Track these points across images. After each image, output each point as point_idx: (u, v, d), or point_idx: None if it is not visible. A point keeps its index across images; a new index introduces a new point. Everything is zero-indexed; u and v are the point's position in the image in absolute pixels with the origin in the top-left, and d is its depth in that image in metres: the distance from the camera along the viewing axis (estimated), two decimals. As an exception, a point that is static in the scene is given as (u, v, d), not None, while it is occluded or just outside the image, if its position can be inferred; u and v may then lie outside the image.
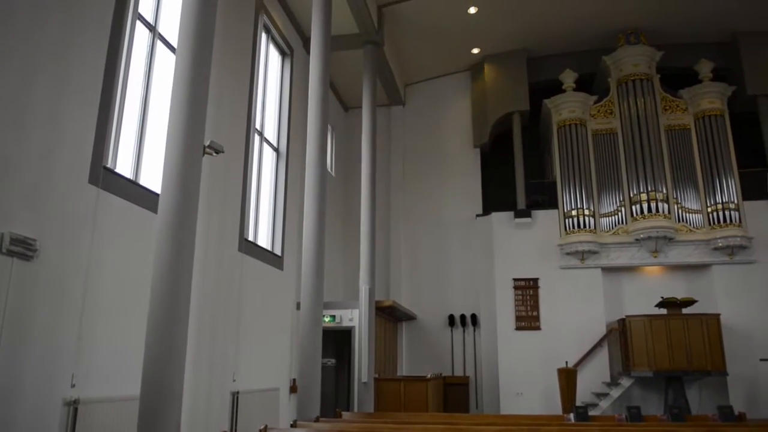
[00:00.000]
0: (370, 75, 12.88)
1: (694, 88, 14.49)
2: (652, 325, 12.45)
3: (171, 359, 4.92)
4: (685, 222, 13.86)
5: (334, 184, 15.36)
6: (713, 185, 13.86)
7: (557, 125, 14.81)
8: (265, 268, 10.37)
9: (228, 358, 8.76)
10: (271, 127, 11.67)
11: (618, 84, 14.84)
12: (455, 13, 14.09)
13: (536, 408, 13.09)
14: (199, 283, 7.88)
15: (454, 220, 15.79)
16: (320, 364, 8.49)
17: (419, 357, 15.08)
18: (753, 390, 12.77)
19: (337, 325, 12.23)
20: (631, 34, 14.84)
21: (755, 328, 13.05)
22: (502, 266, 14.50)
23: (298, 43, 12.89)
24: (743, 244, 13.45)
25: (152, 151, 7.32)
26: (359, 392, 11.27)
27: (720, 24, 14.84)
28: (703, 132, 14.27)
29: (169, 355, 4.91)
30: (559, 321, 13.91)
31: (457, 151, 16.31)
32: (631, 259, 14.00)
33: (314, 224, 8.70)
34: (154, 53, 7.61)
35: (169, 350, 4.92)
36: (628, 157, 14.26)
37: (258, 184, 10.69)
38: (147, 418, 4.78)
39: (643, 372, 12.36)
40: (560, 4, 14.05)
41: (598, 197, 14.30)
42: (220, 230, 8.74)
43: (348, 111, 16.90)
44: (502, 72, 15.89)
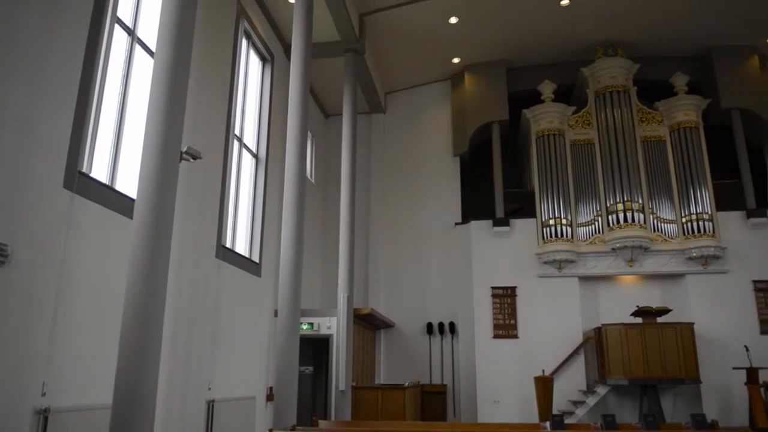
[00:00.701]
0: (350, 82, 12.91)
1: (670, 101, 14.74)
2: (628, 333, 12.59)
3: (144, 367, 4.84)
4: (660, 232, 14.06)
5: (314, 191, 15.33)
6: (688, 196, 14.09)
7: (536, 135, 14.96)
8: (243, 275, 10.29)
9: (203, 366, 8.67)
10: (250, 133, 11.61)
11: (596, 95, 15.05)
12: (436, 22, 14.19)
13: (513, 416, 13.15)
14: (175, 290, 7.80)
15: (434, 228, 15.83)
16: (297, 372, 8.43)
17: (397, 365, 15.06)
18: (726, 398, 12.96)
19: (315, 332, 12.16)
20: (608, 46, 15.07)
21: (728, 336, 13.25)
22: (481, 274, 14.57)
23: (279, 49, 12.87)
24: (717, 254, 13.68)
25: (129, 155, 7.24)
26: (336, 400, 11.21)
27: (695, 38, 15.14)
28: (678, 144, 14.51)
29: (142, 363, 4.84)
30: (536, 329, 14.00)
31: (436, 159, 16.38)
32: (608, 268, 14.16)
33: (292, 231, 8.65)
34: (132, 57, 7.54)
35: (142, 358, 4.85)
36: (605, 168, 14.44)
37: (236, 191, 10.63)
38: (119, 428, 4.70)
39: (619, 380, 12.47)
40: (540, 16, 14.21)
41: (576, 207, 14.46)
42: (197, 237, 8.66)
43: (328, 118, 16.89)
44: (482, 82, 16.01)
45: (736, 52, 15.22)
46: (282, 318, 8.31)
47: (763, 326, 13.45)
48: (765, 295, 13.68)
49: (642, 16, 14.28)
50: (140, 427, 4.76)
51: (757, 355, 12.41)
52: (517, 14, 14.12)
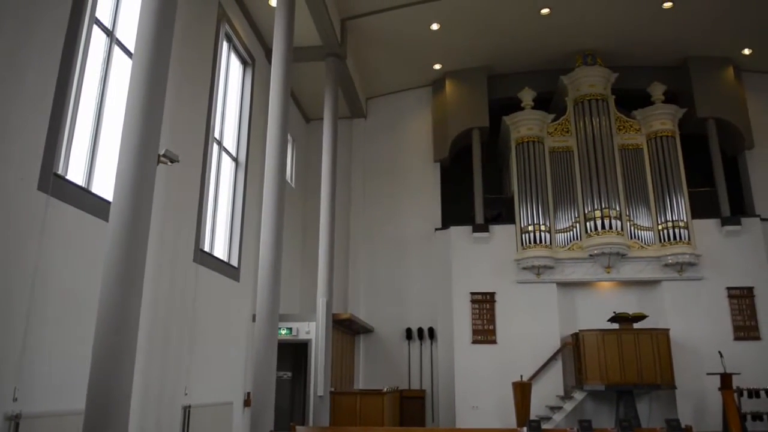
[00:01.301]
0: (332, 87, 12.92)
1: (647, 110, 14.96)
2: (605, 339, 12.72)
3: (118, 372, 4.78)
4: (637, 239, 14.24)
5: (294, 195, 15.28)
6: (664, 204, 14.29)
7: (515, 142, 15.08)
8: (221, 280, 10.21)
9: (180, 371, 8.57)
10: (230, 136, 11.55)
11: (575, 103, 15.22)
12: (418, 29, 14.26)
13: (491, 421, 13.19)
14: (152, 294, 7.71)
15: (414, 233, 15.86)
16: (275, 377, 8.38)
17: (376, 370, 15.04)
18: (700, 403, 13.14)
19: (293, 337, 12.10)
20: (588, 55, 15.25)
21: (702, 342, 13.45)
22: (460, 280, 14.62)
23: (260, 53, 12.83)
24: (692, 261, 13.88)
25: (106, 158, 7.15)
26: (315, 406, 11.16)
27: (672, 49, 15.39)
28: (655, 152, 14.72)
29: (116, 368, 4.78)
30: (514, 335, 14.08)
31: (417, 165, 16.43)
32: (585, 275, 14.30)
33: (272, 235, 8.62)
34: (110, 59, 7.46)
35: (116, 363, 4.78)
36: (583, 175, 14.59)
37: (216, 194, 10.55)
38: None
39: (596, 385, 12.59)
40: (520, 24, 14.35)
41: (554, 213, 14.58)
42: (175, 240, 8.58)
43: (309, 122, 16.86)
44: (463, 88, 16.11)
45: (712, 63, 15.50)
46: (260, 323, 8.26)
47: (737, 332, 13.68)
48: (738, 301, 13.92)
49: (621, 26, 14.49)
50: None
51: (730, 360, 12.61)
52: (498, 22, 14.24)
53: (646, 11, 13.88)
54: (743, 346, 13.49)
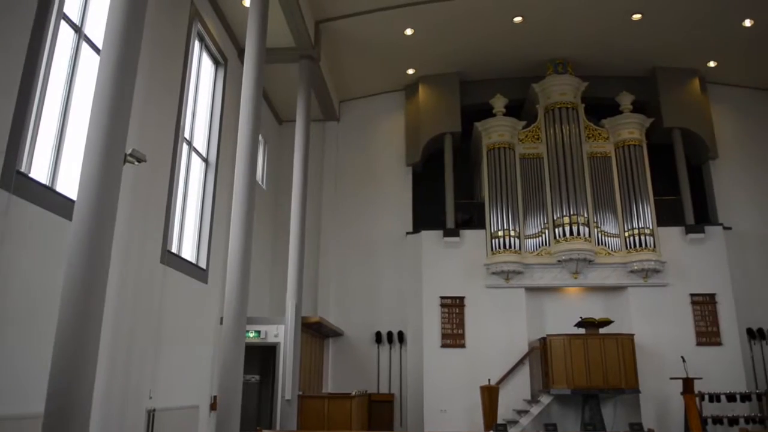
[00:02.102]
0: (304, 89, 12.88)
1: (616, 119, 15.22)
2: (571, 344, 12.89)
3: (80, 374, 4.69)
4: (604, 245, 14.47)
5: (265, 197, 15.17)
6: (630, 211, 14.55)
7: (487, 148, 15.21)
8: (189, 282, 10.09)
9: (144, 374, 8.43)
10: (201, 137, 11.43)
11: (545, 111, 15.42)
12: (392, 33, 14.30)
13: (459, 425, 13.25)
14: (116, 296, 7.59)
15: (385, 237, 15.87)
16: (242, 380, 8.30)
17: (345, 374, 14.99)
18: (663, 407, 13.39)
19: (261, 340, 12.00)
20: (559, 63, 15.47)
21: (666, 347, 13.72)
22: (430, 284, 14.69)
23: (232, 53, 12.73)
24: (657, 268, 14.16)
25: (72, 156, 7.01)
26: (282, 410, 11.09)
27: (641, 59, 15.71)
28: (622, 160, 14.99)
29: (77, 370, 4.68)
30: (483, 339, 14.18)
31: (389, 168, 16.46)
32: (553, 280, 14.48)
33: (240, 236, 8.54)
34: (78, 55, 7.32)
35: (78, 365, 4.69)
36: (552, 182, 14.78)
37: (185, 195, 10.42)
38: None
39: (562, 390, 12.74)
40: (494, 32, 14.50)
41: (524, 219, 14.74)
42: (142, 241, 8.44)
43: (282, 124, 16.78)
44: (435, 93, 16.20)
45: (679, 74, 15.85)
46: (227, 325, 8.18)
47: (699, 338, 13.99)
48: (701, 307, 14.23)
49: (591, 36, 14.74)
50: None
51: (692, 365, 12.89)
52: (472, 29, 14.37)
53: (616, 22, 14.15)
54: (705, 352, 13.80)
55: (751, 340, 14.51)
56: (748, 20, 13.76)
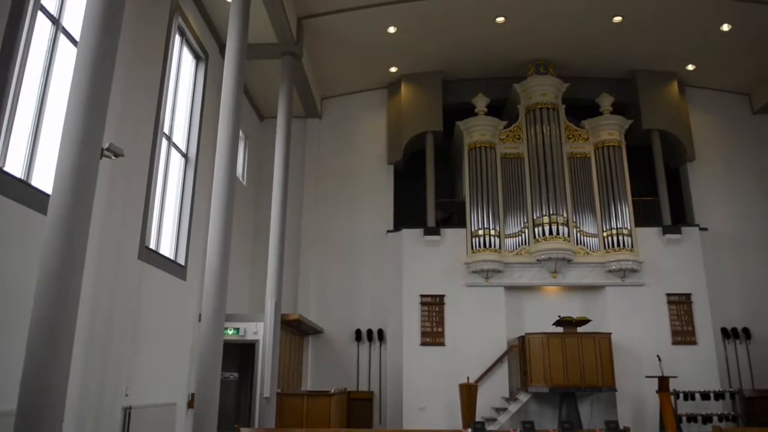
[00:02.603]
0: (286, 86, 12.82)
1: (596, 120, 15.36)
2: (550, 342, 13.00)
3: (53, 371, 4.62)
4: (582, 245, 14.61)
5: (245, 193, 15.08)
6: (609, 211, 14.70)
7: (468, 147, 15.26)
8: (167, 278, 9.99)
9: (121, 371, 8.34)
10: (181, 132, 11.32)
11: (526, 111, 15.51)
12: (375, 31, 14.29)
13: (438, 423, 13.29)
14: (93, 292, 7.49)
15: (366, 235, 15.86)
16: (220, 378, 8.25)
17: (325, 372, 14.96)
18: (639, 405, 13.57)
19: (240, 338, 11.92)
20: (540, 64, 15.57)
21: (642, 346, 13.90)
22: (410, 282, 14.71)
23: (214, 48, 12.62)
24: (634, 268, 14.33)
25: (48, 150, 6.90)
26: (261, 407, 11.03)
27: (621, 62, 15.87)
28: (601, 161, 15.13)
29: (51, 367, 4.61)
30: (463, 337, 14.25)
31: (371, 166, 16.44)
32: (533, 279, 14.58)
33: (220, 233, 8.47)
34: (55, 47, 7.21)
35: (51, 362, 4.62)
36: (533, 182, 14.88)
37: (163, 191, 10.32)
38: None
39: (540, 388, 12.85)
40: (476, 31, 14.55)
41: (504, 218, 14.82)
42: (119, 237, 8.34)
43: (263, 120, 16.67)
44: (418, 92, 16.22)
45: (658, 76, 16.06)
46: (205, 322, 8.12)
47: (675, 337, 14.20)
48: (677, 307, 14.45)
49: (573, 37, 14.86)
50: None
51: (668, 364, 13.07)
52: (455, 28, 14.40)
53: (598, 24, 14.28)
54: (680, 351, 14.01)
55: (725, 340, 14.78)
56: (725, 25, 13.98)
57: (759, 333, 14.89)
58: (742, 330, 14.90)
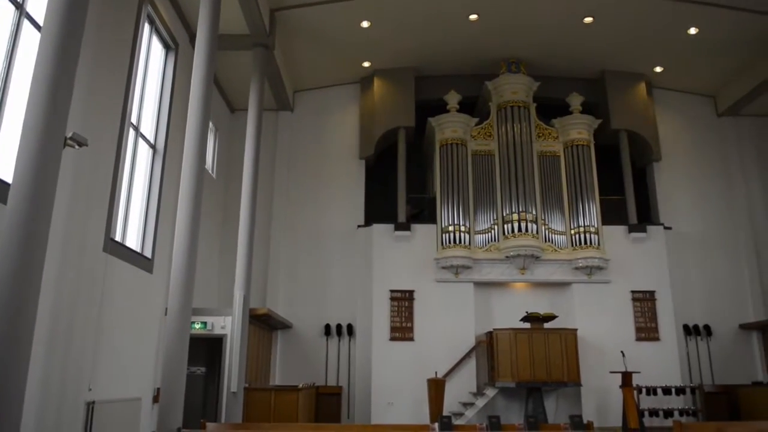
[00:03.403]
0: (258, 78, 12.68)
1: (565, 119, 15.56)
2: (517, 338, 13.13)
3: (11, 365, 4.50)
4: (551, 242, 14.80)
5: (215, 186, 14.90)
6: (577, 210, 14.91)
7: (440, 143, 15.32)
8: (133, 271, 9.82)
9: (84, 365, 8.18)
10: (149, 122, 11.12)
11: (498, 109, 15.62)
12: (348, 25, 14.23)
13: (406, 418, 13.36)
14: (55, 284, 7.33)
15: (336, 229, 15.82)
16: (185, 372, 8.14)
17: (294, 366, 14.89)
18: (603, 400, 13.81)
19: (208, 332, 11.81)
20: (512, 63, 15.69)
21: (607, 342, 14.15)
22: (380, 277, 14.73)
23: (184, 38, 12.42)
24: (600, 265, 14.57)
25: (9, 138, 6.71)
26: (228, 402, 10.93)
27: (591, 62, 16.10)
28: (570, 160, 15.33)
29: (9, 360, 4.49)
30: (431, 332, 14.32)
31: (342, 161, 16.39)
32: (501, 275, 14.72)
33: (187, 225, 8.34)
34: (19, 32, 7.01)
35: (10, 355, 4.50)
36: (503, 179, 15.01)
37: (130, 182, 10.13)
38: (-21, 431, 4.35)
39: (507, 383, 12.98)
40: (449, 28, 14.59)
41: (474, 215, 14.92)
42: (83, 228, 8.16)
43: (234, 112, 16.48)
44: (390, 87, 16.21)
45: (626, 78, 16.32)
46: (172, 316, 8.00)
47: (639, 333, 14.50)
48: (641, 304, 14.74)
49: (544, 37, 14.99)
50: (6, 430, 4.42)
51: (631, 360, 13.31)
52: (428, 25, 14.42)
53: (569, 25, 14.43)
54: (644, 347, 14.32)
55: (686, 336, 15.16)
56: (693, 28, 14.26)
57: (719, 330, 15.32)
58: (703, 327, 15.30)
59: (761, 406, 13.16)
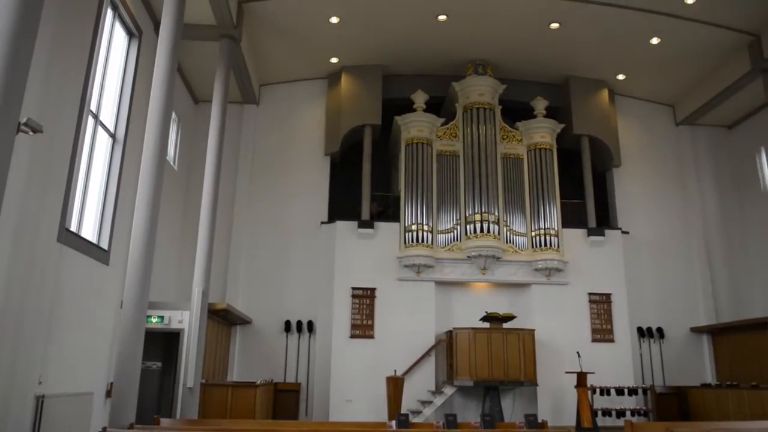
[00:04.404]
0: (224, 70, 12.51)
1: (529, 122, 15.78)
2: (476, 337, 13.28)
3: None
4: (512, 243, 15.00)
5: (176, 178, 14.64)
6: (538, 212, 15.14)
7: (405, 142, 15.36)
8: (88, 262, 9.57)
9: (34, 358, 7.94)
10: (109, 111, 10.85)
11: (464, 110, 15.74)
12: (317, 20, 14.14)
13: (364, 415, 13.36)
14: (5, 274, 7.10)
15: (299, 225, 15.72)
16: (140, 367, 7.99)
17: (252, 363, 14.75)
18: (558, 399, 14.08)
19: (165, 326, 11.60)
20: (479, 65, 15.82)
21: (563, 343, 14.42)
22: (342, 274, 14.70)
23: (148, 25, 12.15)
24: (559, 267, 14.83)
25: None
26: (184, 398, 10.78)
27: (556, 67, 16.35)
28: (533, 163, 15.56)
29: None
30: (392, 330, 14.37)
31: (307, 157, 16.29)
32: (463, 275, 14.86)
33: (145, 216, 8.18)
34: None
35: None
36: (467, 180, 15.13)
37: (88, 171, 9.87)
38: None
39: (465, 381, 13.12)
40: (418, 28, 14.63)
41: (438, 214, 15.02)
42: (37, 218, 7.92)
43: (198, 104, 16.22)
44: (358, 84, 16.18)
45: (590, 84, 16.64)
46: (127, 309, 7.85)
47: (594, 335, 14.83)
48: (597, 306, 15.07)
49: (512, 41, 15.16)
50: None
51: (587, 360, 13.61)
52: (397, 23, 14.44)
53: (536, 30, 14.62)
54: (599, 348, 14.65)
55: (640, 338, 15.56)
56: (655, 38, 14.61)
57: (671, 333, 15.77)
58: (656, 330, 15.73)
59: (710, 407, 13.60)
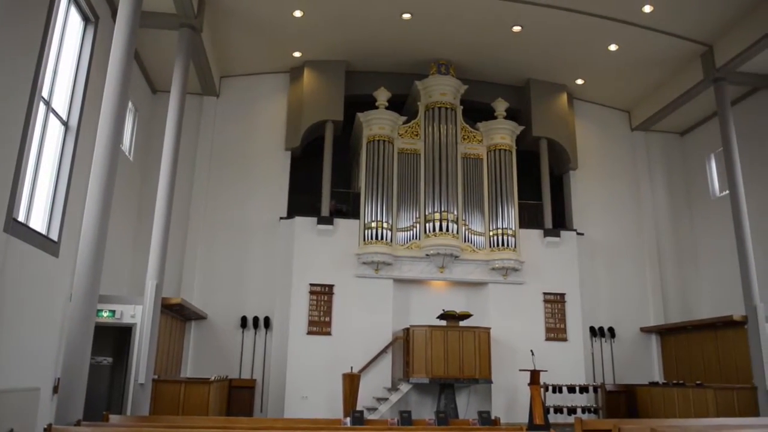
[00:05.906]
0: (183, 60, 12.27)
1: (490, 123, 15.95)
2: (433, 335, 13.39)
3: None
4: (470, 242, 15.15)
5: (132, 169, 14.29)
6: (497, 212, 15.33)
7: (367, 139, 15.35)
8: (36, 253, 9.24)
9: (-24, 351, 7.65)
10: (62, 98, 10.51)
11: (426, 109, 15.81)
12: (281, 13, 14.00)
13: (320, 412, 13.32)
14: (-54, 264, 6.80)
15: (258, 220, 15.55)
16: (89, 361, 7.78)
17: (207, 358, 14.53)
18: (512, 397, 14.31)
19: (116, 320, 11.31)
20: (442, 64, 15.91)
21: (518, 341, 14.66)
22: (301, 271, 14.62)
23: (105, 11, 11.80)
24: (516, 267, 15.06)
25: None
26: (135, 394, 10.54)
27: (517, 69, 16.58)
28: (493, 163, 15.74)
29: None
30: (349, 327, 14.36)
31: (267, 151, 16.12)
32: (421, 273, 14.94)
33: (98, 207, 7.97)
34: None
35: None
36: (427, 178, 15.21)
37: (38, 160, 9.53)
38: None
39: (421, 378, 13.20)
40: (382, 25, 14.63)
41: (397, 212, 15.06)
42: (-18, 205, 7.63)
43: (156, 93, 15.87)
44: (320, 79, 16.08)
45: (549, 88, 16.92)
46: (76, 302, 7.63)
47: (548, 333, 15.13)
48: (552, 306, 15.37)
49: (475, 42, 15.29)
50: None
51: (540, 359, 13.85)
52: (361, 19, 14.41)
53: (498, 32, 14.78)
54: (552, 346, 14.95)
55: (592, 337, 15.94)
56: (613, 45, 14.95)
57: (622, 333, 16.20)
58: (608, 329, 16.12)
59: (657, 405, 14.02)
